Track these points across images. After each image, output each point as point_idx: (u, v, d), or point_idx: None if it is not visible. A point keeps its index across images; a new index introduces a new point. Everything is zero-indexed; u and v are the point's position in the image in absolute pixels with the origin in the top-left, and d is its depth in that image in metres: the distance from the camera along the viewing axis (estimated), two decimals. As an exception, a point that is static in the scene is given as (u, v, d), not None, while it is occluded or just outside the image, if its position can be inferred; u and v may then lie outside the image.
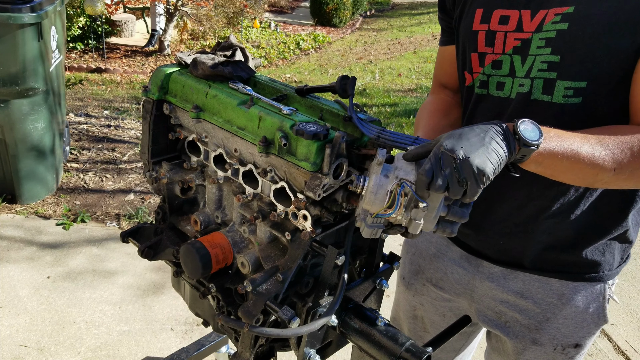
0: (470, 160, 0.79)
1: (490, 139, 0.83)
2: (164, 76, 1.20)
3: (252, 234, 1.12)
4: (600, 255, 1.21)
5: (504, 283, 1.30)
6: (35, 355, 2.43)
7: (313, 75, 8.25)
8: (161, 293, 2.91)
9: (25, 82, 3.15)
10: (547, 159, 0.91)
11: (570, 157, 0.91)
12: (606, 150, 0.93)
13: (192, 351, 1.79)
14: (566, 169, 0.93)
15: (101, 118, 5.20)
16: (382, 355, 0.99)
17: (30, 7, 3.01)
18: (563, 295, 1.24)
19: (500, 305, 1.32)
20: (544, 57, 1.06)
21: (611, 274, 1.24)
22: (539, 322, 1.28)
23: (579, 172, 0.94)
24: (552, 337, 1.28)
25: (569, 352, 1.30)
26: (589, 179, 0.97)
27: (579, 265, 1.21)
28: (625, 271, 3.42)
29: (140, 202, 3.81)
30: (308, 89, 1.15)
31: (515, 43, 1.11)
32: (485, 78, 1.18)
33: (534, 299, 1.27)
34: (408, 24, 14.17)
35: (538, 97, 1.09)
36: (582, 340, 1.28)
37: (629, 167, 0.94)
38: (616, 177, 0.95)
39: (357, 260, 1.13)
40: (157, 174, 1.25)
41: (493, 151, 0.81)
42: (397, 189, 0.83)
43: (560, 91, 1.06)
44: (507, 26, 1.11)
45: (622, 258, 1.26)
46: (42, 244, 3.25)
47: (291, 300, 1.06)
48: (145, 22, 9.33)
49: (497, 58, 1.14)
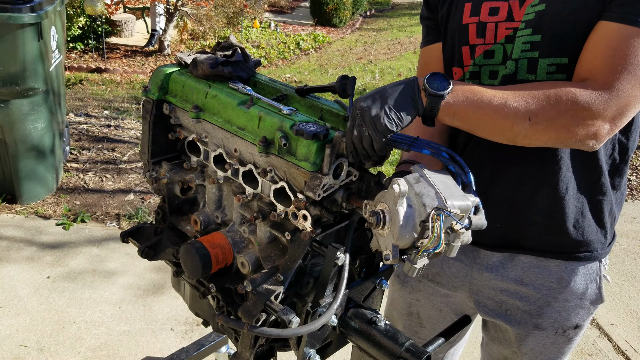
0: (369, 110, 0.89)
1: (393, 91, 0.92)
2: (163, 76, 1.20)
3: (252, 234, 1.12)
4: (594, 234, 1.24)
5: (503, 272, 1.31)
6: (35, 355, 2.43)
7: (313, 75, 8.25)
8: (161, 293, 2.91)
9: (25, 82, 3.15)
10: (459, 110, 0.96)
11: (482, 108, 0.96)
12: (519, 100, 0.96)
13: (192, 351, 1.79)
14: (479, 120, 0.97)
15: (101, 118, 5.20)
16: (382, 355, 0.99)
17: (30, 7, 3.01)
18: (562, 278, 1.27)
19: (501, 295, 1.33)
20: (525, 38, 1.10)
21: (604, 252, 1.27)
22: (540, 307, 1.30)
23: (494, 123, 0.98)
24: (553, 320, 1.30)
25: (569, 334, 1.33)
26: (507, 132, 0.99)
27: (575, 245, 1.24)
28: (626, 271, 3.42)
29: (140, 202, 3.81)
30: (308, 89, 1.15)
31: (507, 32, 1.14)
32: (477, 69, 1.21)
33: (533, 285, 1.29)
34: (408, 24, 14.17)
35: (523, 77, 1.12)
36: (582, 320, 1.31)
37: (544, 117, 0.96)
38: (533, 127, 0.96)
39: (357, 260, 1.13)
40: (157, 174, 1.25)
41: (393, 101, 0.91)
42: (436, 220, 0.78)
43: (544, 69, 1.09)
44: (497, 17, 1.15)
45: (612, 235, 1.30)
46: (42, 244, 3.25)
47: (291, 300, 1.06)
48: (145, 22, 9.33)
49: (489, 48, 1.17)
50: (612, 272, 3.40)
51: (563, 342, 1.34)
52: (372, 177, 1.06)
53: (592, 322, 2.95)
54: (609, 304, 3.10)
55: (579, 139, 0.99)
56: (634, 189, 4.56)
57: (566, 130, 0.98)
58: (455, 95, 0.95)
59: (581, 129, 0.98)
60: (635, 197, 4.44)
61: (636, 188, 4.58)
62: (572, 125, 0.97)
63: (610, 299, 3.15)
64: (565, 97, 0.96)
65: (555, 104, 0.96)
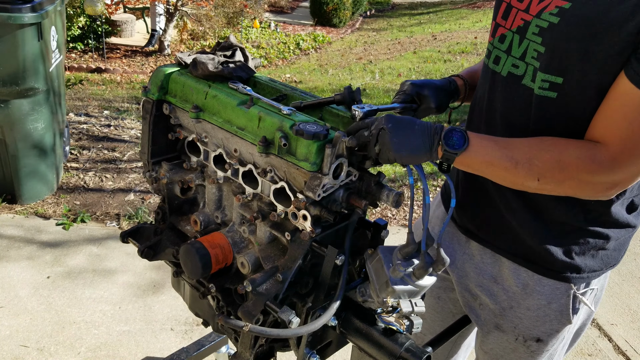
0: (390, 137, 0.96)
1: (418, 134, 0.99)
2: (163, 76, 1.20)
3: (252, 234, 1.12)
4: (568, 257, 1.21)
5: (483, 267, 1.33)
6: (35, 355, 2.43)
7: (313, 75, 8.25)
8: (161, 293, 2.91)
9: (26, 82, 3.15)
10: (472, 164, 1.04)
11: (493, 165, 1.03)
12: (530, 163, 1.01)
13: (192, 351, 1.79)
14: (491, 175, 1.05)
15: (101, 118, 5.20)
16: (382, 355, 0.99)
17: (30, 7, 3.00)
18: (527, 285, 1.26)
19: (476, 288, 1.35)
20: (535, 46, 1.09)
21: (580, 279, 1.23)
22: (503, 309, 1.31)
23: (504, 179, 1.05)
24: (514, 325, 1.30)
25: (530, 346, 1.31)
26: (518, 186, 1.07)
27: (546, 260, 1.22)
28: (626, 271, 3.42)
29: (140, 202, 3.81)
30: (305, 106, 1.16)
31: (520, 22, 1.13)
32: (491, 48, 1.22)
33: (503, 285, 1.30)
34: (408, 24, 14.16)
35: (527, 83, 1.12)
36: (544, 336, 1.29)
37: (552, 179, 1.02)
38: (542, 186, 1.03)
39: (357, 260, 1.13)
40: (157, 174, 1.25)
41: (412, 144, 0.98)
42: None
43: (539, 82, 1.09)
44: (521, 4, 1.13)
45: (598, 269, 1.25)
46: (42, 244, 3.25)
47: (291, 300, 1.06)
48: (145, 22, 9.32)
49: (505, 32, 1.17)
50: (612, 272, 3.40)
51: (524, 353, 1.33)
52: (372, 177, 1.06)
53: (592, 322, 2.95)
54: (609, 304, 3.10)
55: (586, 196, 1.09)
56: (634, 189, 4.56)
57: (573, 191, 1.05)
58: (469, 152, 1.01)
59: (588, 192, 1.06)
60: (635, 197, 4.44)
61: (636, 188, 4.58)
62: (579, 188, 1.04)
63: (610, 299, 3.15)
64: (574, 165, 1.01)
65: (563, 169, 1.01)
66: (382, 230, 1.10)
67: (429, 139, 0.99)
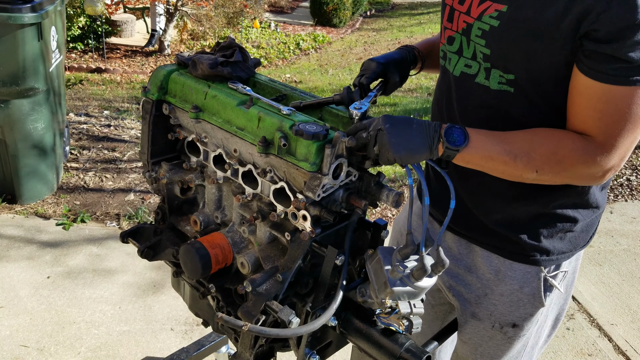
0: (388, 138, 0.97)
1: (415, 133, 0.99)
2: (163, 76, 1.20)
3: (251, 234, 1.12)
4: (537, 240, 1.25)
5: (459, 258, 1.36)
6: (35, 355, 2.43)
7: (313, 75, 8.24)
8: (161, 293, 2.91)
9: (26, 82, 3.15)
10: (472, 160, 1.05)
11: (493, 159, 1.05)
12: (527, 157, 1.04)
13: (192, 351, 1.79)
14: (490, 169, 1.08)
15: (101, 118, 5.20)
16: (382, 356, 0.99)
17: (30, 7, 3.00)
18: (499, 271, 1.29)
19: (451, 280, 1.38)
20: (480, 48, 1.14)
21: (549, 261, 1.27)
22: (478, 297, 1.34)
23: (504, 173, 1.08)
24: (489, 312, 1.33)
25: (507, 332, 1.34)
26: (517, 179, 1.10)
27: (515, 245, 1.26)
28: (626, 271, 3.42)
29: (140, 202, 3.81)
30: (305, 106, 1.16)
31: (463, 25, 1.18)
32: (445, 49, 1.26)
33: (477, 273, 1.33)
34: (408, 24, 14.16)
35: (481, 81, 1.17)
36: (519, 320, 1.32)
37: (550, 170, 1.06)
38: (540, 177, 1.07)
39: (357, 260, 1.13)
40: (157, 174, 1.25)
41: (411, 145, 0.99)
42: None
43: (496, 78, 1.14)
44: (462, 7, 1.18)
45: (567, 250, 1.29)
46: (42, 244, 3.25)
47: (291, 300, 1.06)
48: (145, 22, 9.32)
49: (452, 35, 1.21)
50: (612, 272, 3.40)
51: (502, 340, 1.36)
52: (371, 177, 1.06)
53: (592, 322, 2.95)
54: (609, 304, 3.10)
55: (583, 182, 1.15)
56: (634, 189, 4.56)
57: (570, 179, 1.10)
58: (470, 147, 1.03)
59: (585, 179, 1.10)
60: (635, 197, 4.44)
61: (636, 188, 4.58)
62: (576, 177, 1.09)
63: (610, 299, 3.15)
64: (569, 157, 1.05)
65: (560, 161, 1.05)
66: (382, 231, 1.10)
67: (428, 137, 1.00)
